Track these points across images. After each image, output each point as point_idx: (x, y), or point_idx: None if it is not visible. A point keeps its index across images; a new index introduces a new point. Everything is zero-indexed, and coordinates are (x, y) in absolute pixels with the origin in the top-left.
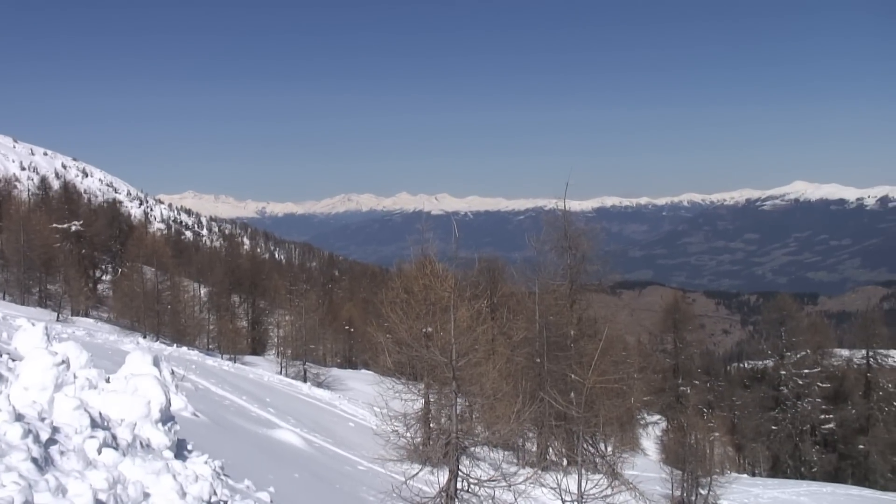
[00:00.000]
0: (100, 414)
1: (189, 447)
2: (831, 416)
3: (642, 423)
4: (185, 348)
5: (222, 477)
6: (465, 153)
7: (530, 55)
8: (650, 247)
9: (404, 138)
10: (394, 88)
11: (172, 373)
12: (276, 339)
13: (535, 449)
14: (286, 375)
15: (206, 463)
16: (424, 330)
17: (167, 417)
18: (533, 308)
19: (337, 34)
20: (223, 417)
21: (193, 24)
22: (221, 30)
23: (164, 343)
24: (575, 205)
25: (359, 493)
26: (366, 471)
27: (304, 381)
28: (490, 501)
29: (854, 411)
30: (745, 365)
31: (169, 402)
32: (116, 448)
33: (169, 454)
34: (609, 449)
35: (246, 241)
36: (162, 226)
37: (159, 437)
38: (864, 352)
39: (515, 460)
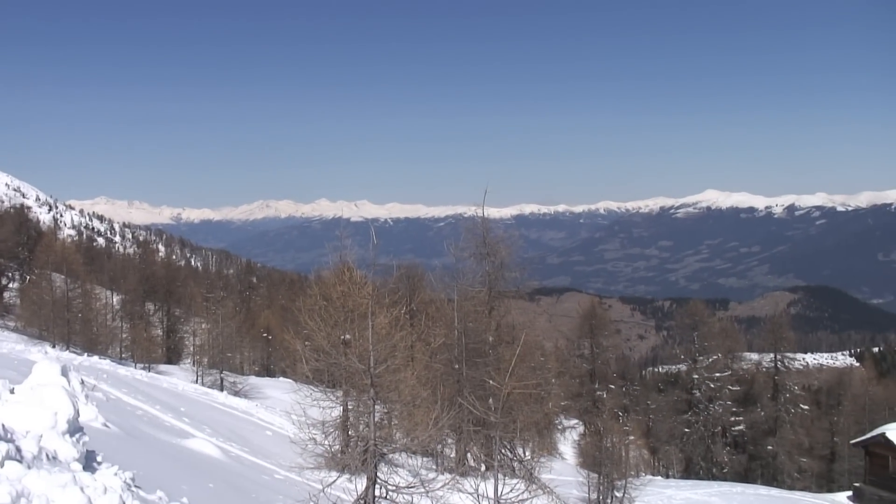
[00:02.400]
0: (3, 426)
1: (99, 459)
2: (741, 418)
3: (560, 427)
4: (96, 358)
5: (133, 489)
6: (385, 160)
7: (446, 64)
8: (568, 254)
9: (323, 144)
10: (312, 94)
11: (82, 383)
12: (192, 348)
13: (453, 455)
14: (202, 384)
15: (115, 475)
16: (343, 337)
17: (75, 429)
18: (452, 315)
19: (250, 41)
20: (135, 428)
21: (102, 26)
22: (130, 34)
23: (74, 352)
24: (494, 212)
25: (275, 503)
26: (283, 479)
27: (221, 389)
28: None
29: (763, 413)
30: (660, 369)
31: (77, 413)
32: (21, 461)
33: (77, 466)
34: (527, 453)
35: (161, 247)
36: (73, 232)
37: (67, 449)
38: (772, 355)
39: (434, 466)
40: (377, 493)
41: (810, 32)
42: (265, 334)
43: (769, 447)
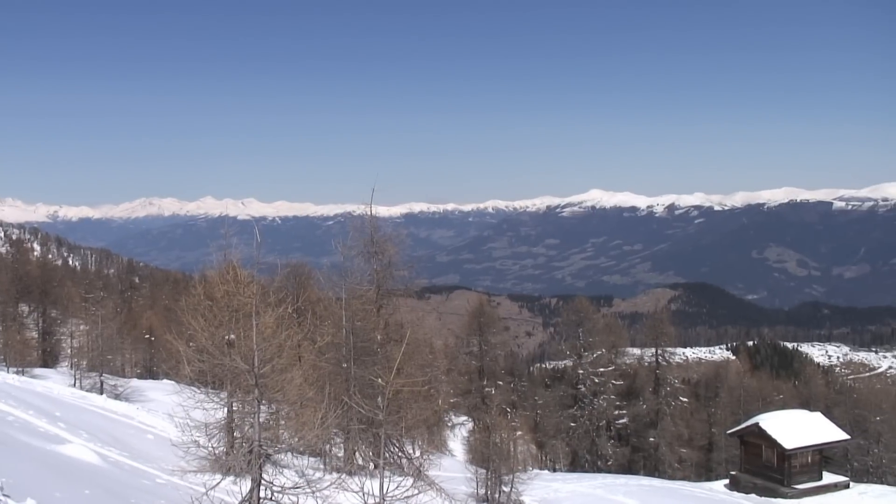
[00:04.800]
0: None
1: None
2: (624, 411)
3: (449, 424)
4: None
5: (1, 497)
6: (273, 157)
7: (332, 59)
8: (457, 252)
9: (209, 140)
10: (196, 87)
11: None
12: (69, 350)
13: (342, 454)
14: (80, 388)
15: None
16: (227, 337)
17: None
18: (340, 313)
19: (128, 32)
20: (5, 434)
21: None
22: (2, 23)
23: None
24: (383, 210)
25: None
26: (164, 484)
27: (101, 393)
28: None
29: (645, 406)
30: (547, 365)
31: None
32: None
33: None
34: (416, 451)
35: (36, 246)
36: None
37: None
38: (653, 350)
39: (322, 466)
40: (262, 494)
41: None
42: (147, 335)
43: (651, 439)
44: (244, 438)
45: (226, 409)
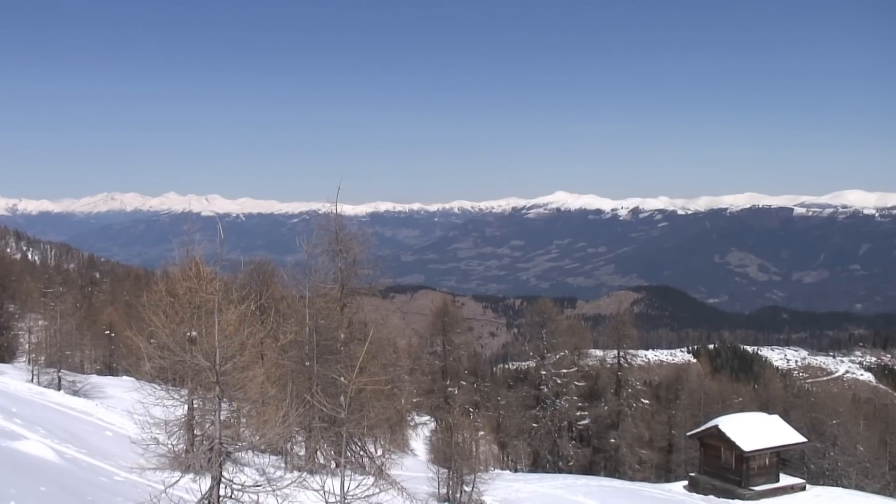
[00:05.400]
0: None
1: None
2: (586, 412)
3: (412, 424)
4: None
5: None
6: (237, 153)
7: (297, 53)
8: (422, 252)
9: (172, 134)
10: (159, 81)
11: None
12: (27, 346)
13: (303, 452)
14: (38, 384)
15: None
16: (188, 334)
17: None
18: (304, 311)
19: (88, 21)
20: None
21: None
22: None
23: None
24: (349, 209)
25: None
26: (123, 481)
27: (59, 389)
28: None
29: (606, 408)
30: (510, 366)
31: None
32: None
33: None
34: (378, 450)
35: None
36: None
37: None
38: (615, 352)
39: (283, 465)
40: (222, 492)
41: (650, 40)
42: (108, 331)
43: (612, 440)
44: (204, 436)
45: (186, 407)
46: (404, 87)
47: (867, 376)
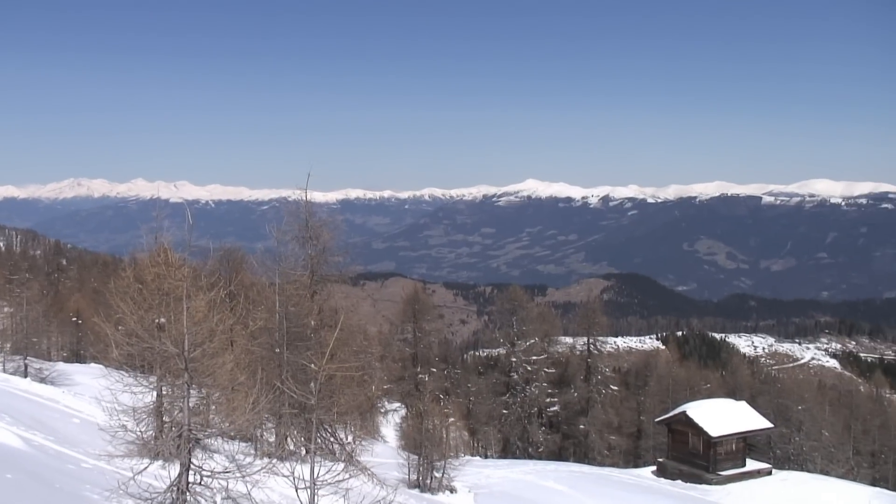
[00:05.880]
0: None
1: None
2: (556, 399)
3: (382, 410)
4: None
5: None
6: (206, 139)
7: (265, 38)
8: (393, 239)
9: (140, 120)
10: (127, 64)
11: None
12: None
13: (273, 439)
14: (3, 371)
15: None
16: (157, 321)
17: None
18: (274, 298)
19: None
20: None
21: None
22: None
23: None
24: (319, 196)
25: (82, 492)
26: (91, 468)
27: (25, 376)
28: (223, 493)
29: (576, 394)
30: (481, 353)
31: None
32: None
33: None
34: (349, 437)
35: None
36: None
37: None
38: (585, 339)
39: (253, 451)
40: (191, 479)
41: (619, 28)
42: (75, 318)
43: (581, 426)
44: (173, 423)
45: (155, 394)
46: (375, 73)
47: (832, 363)
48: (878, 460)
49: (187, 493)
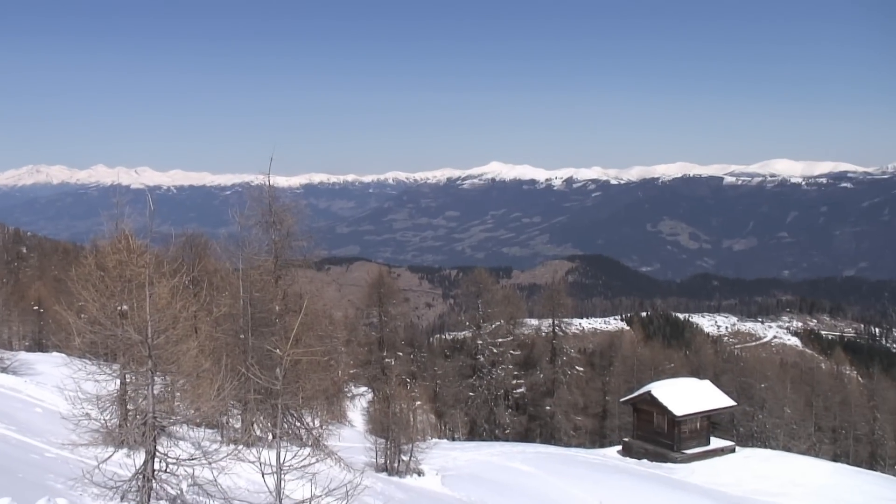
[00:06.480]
0: None
1: None
2: (522, 381)
3: (349, 395)
4: None
5: None
6: (167, 124)
7: (233, 18)
8: (357, 223)
9: (99, 105)
10: (84, 47)
11: None
12: None
13: (240, 425)
14: None
15: None
16: (120, 308)
17: None
18: (237, 284)
19: None
20: None
21: None
22: None
23: None
24: (283, 181)
25: (45, 482)
26: (54, 457)
27: None
28: (190, 480)
29: (542, 376)
30: (447, 336)
31: None
32: None
33: None
34: (316, 422)
35: None
36: None
37: None
38: (550, 321)
39: (219, 438)
40: (157, 466)
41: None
42: (36, 307)
43: (547, 407)
44: (138, 410)
45: (119, 382)
46: (337, 56)
47: (794, 341)
48: (838, 436)
49: (153, 481)
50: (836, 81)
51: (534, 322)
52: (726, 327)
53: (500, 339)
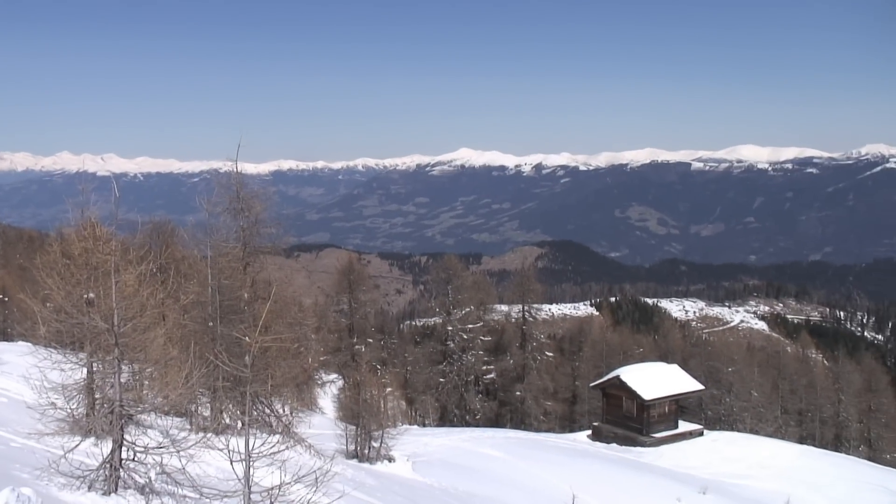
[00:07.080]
0: None
1: None
2: (492, 366)
3: (319, 382)
4: None
5: None
6: (134, 110)
7: (197, 8)
8: (327, 210)
9: (64, 90)
10: (49, 31)
11: None
12: None
13: (209, 413)
14: None
15: None
16: (86, 296)
17: None
18: (206, 271)
19: None
20: None
21: None
22: None
23: None
24: (251, 168)
25: (11, 472)
26: (20, 447)
27: None
28: (158, 468)
29: (512, 361)
30: (417, 322)
31: None
32: None
33: None
34: (286, 409)
35: None
36: None
37: None
38: (520, 307)
39: (188, 426)
40: (124, 455)
41: (546, 4)
42: (0, 296)
43: (518, 393)
44: (105, 399)
45: (85, 370)
46: (305, 41)
47: (761, 325)
48: (804, 419)
49: (120, 470)
50: (802, 68)
51: (504, 308)
52: (694, 312)
53: (471, 325)
